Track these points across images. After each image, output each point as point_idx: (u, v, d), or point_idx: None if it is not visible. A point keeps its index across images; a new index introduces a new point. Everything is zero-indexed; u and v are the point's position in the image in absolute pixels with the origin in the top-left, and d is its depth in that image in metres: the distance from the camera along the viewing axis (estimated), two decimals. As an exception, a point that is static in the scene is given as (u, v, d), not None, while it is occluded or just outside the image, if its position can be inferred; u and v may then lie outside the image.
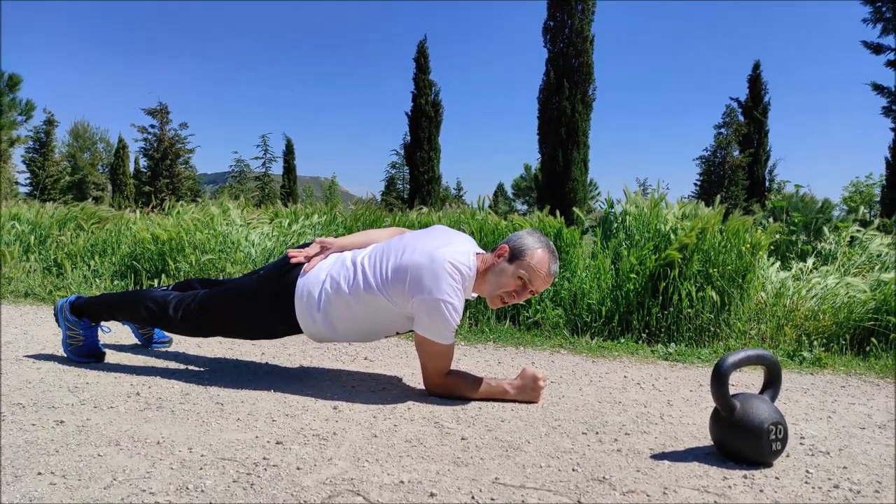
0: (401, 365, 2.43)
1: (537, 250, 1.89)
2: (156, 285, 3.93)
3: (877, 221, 4.64)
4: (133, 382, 2.01)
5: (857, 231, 4.37)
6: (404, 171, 30.21)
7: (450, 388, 1.93)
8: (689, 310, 2.99)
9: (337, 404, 1.84)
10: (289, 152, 33.70)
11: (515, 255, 1.89)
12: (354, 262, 1.95)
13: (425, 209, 5.69)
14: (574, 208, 5.19)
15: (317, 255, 2.02)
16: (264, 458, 1.41)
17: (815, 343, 2.87)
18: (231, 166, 34.87)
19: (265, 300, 2.01)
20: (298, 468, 1.36)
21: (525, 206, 41.30)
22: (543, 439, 1.60)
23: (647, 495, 1.28)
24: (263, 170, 34.60)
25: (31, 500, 1.18)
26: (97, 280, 4.22)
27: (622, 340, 2.96)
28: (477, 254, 1.95)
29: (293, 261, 2.00)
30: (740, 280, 3.10)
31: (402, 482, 1.31)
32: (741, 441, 1.45)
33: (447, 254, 1.83)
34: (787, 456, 1.53)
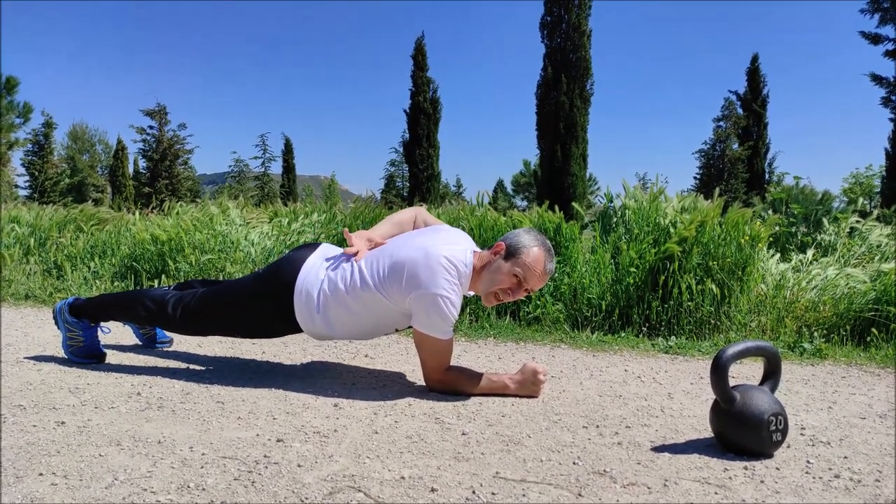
0: (401, 362, 2.43)
1: (533, 248, 1.89)
2: (156, 286, 3.94)
3: (876, 212, 4.61)
4: (134, 382, 2.01)
5: (857, 222, 4.35)
6: (403, 169, 30.17)
7: (450, 383, 1.94)
8: (689, 303, 2.99)
9: (338, 401, 1.85)
10: (288, 151, 33.73)
11: (511, 253, 1.89)
12: (352, 262, 1.95)
13: (425, 206, 5.68)
14: (573, 203, 5.17)
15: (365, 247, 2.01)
16: (265, 456, 1.41)
17: (816, 334, 2.87)
18: (230, 166, 34.82)
19: (265, 299, 2.01)
20: (299, 465, 1.36)
21: (525, 202, 41.26)
22: (544, 433, 1.61)
23: (648, 488, 1.29)
24: (262, 169, 34.57)
25: (32, 500, 1.18)
26: (97, 281, 4.22)
27: (622, 334, 2.97)
28: (474, 252, 1.95)
29: (349, 250, 1.98)
30: (740, 272, 3.10)
31: (403, 478, 1.31)
32: (741, 432, 1.45)
33: (443, 250, 1.83)
34: (788, 447, 1.53)
